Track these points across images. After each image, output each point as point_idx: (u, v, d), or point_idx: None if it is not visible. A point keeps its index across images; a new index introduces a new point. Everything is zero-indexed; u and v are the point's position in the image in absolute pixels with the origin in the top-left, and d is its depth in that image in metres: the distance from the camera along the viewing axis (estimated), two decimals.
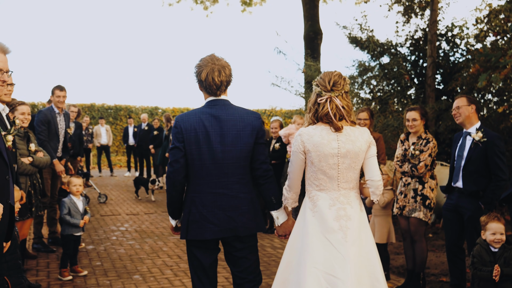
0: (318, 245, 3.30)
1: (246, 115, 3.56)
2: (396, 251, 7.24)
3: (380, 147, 6.61)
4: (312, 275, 3.22)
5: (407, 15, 11.93)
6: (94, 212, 10.68)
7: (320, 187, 3.43)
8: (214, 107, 3.53)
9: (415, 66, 11.57)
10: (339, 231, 3.30)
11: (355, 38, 11.92)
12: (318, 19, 14.36)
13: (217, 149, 3.45)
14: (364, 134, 3.46)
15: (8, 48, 3.28)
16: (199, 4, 19.64)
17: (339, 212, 3.34)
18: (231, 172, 3.50)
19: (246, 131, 3.51)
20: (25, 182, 5.67)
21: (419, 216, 5.54)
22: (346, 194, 3.41)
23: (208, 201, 3.49)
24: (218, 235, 3.49)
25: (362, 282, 3.23)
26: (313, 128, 3.43)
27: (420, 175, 5.54)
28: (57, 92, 7.60)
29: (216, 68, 3.48)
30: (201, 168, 3.47)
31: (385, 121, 9.48)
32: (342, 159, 3.36)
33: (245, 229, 3.52)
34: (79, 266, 6.34)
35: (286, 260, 3.48)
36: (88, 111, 25.63)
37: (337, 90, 3.39)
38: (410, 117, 5.65)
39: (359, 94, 11.55)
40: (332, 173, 3.38)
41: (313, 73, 11.32)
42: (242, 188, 3.54)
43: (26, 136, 5.87)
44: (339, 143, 3.36)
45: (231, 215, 3.48)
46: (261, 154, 3.57)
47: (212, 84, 3.49)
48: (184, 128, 3.47)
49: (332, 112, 3.35)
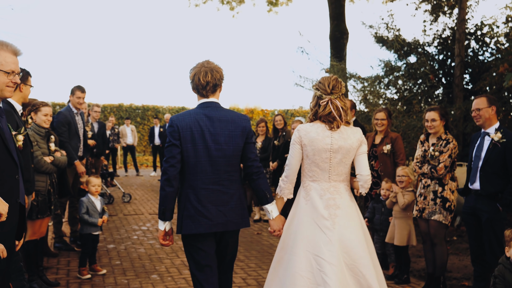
0: (309, 230, 3.68)
1: (237, 117, 3.80)
2: (418, 253, 7.06)
3: (399, 148, 6.47)
4: (304, 257, 3.61)
5: (435, 13, 11.72)
6: (118, 211, 10.74)
7: (313, 178, 3.80)
8: (207, 109, 3.76)
9: (442, 66, 11.34)
10: (328, 218, 3.67)
11: (381, 38, 11.77)
12: (344, 19, 14.16)
13: (211, 147, 3.67)
14: (356, 133, 3.82)
15: (19, 50, 3.29)
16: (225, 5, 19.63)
17: (329, 202, 3.72)
18: (223, 169, 3.71)
19: (237, 132, 3.76)
20: (45, 180, 5.70)
21: (439, 219, 5.39)
22: (336, 186, 3.77)
23: (202, 197, 3.67)
24: (212, 229, 3.67)
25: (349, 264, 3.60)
26: (310, 125, 3.80)
27: (440, 176, 5.39)
28: (78, 93, 7.64)
29: (203, 70, 3.73)
30: (196, 165, 3.66)
31: (408, 121, 9.29)
32: (334, 154, 3.73)
33: (234, 224, 3.75)
34: (99, 265, 6.35)
35: (282, 242, 3.85)
36: (116, 111, 25.90)
37: (336, 93, 3.76)
38: (429, 118, 5.51)
39: (385, 94, 11.38)
40: (324, 166, 3.75)
41: (336, 73, 11.17)
42: (232, 184, 3.76)
43: (47, 135, 5.90)
44: (332, 140, 3.72)
45: (222, 210, 3.70)
46: (252, 152, 3.83)
47: (198, 83, 3.73)
48: (181, 126, 3.66)
49: (336, 112, 3.72)
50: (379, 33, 11.79)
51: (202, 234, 3.68)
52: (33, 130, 5.73)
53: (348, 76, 11.60)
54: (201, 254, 3.73)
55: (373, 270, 3.63)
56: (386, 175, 6.46)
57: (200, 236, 3.70)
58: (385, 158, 6.52)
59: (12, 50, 3.23)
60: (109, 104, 26.04)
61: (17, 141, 3.86)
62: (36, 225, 5.60)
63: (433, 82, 10.63)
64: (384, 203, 6.26)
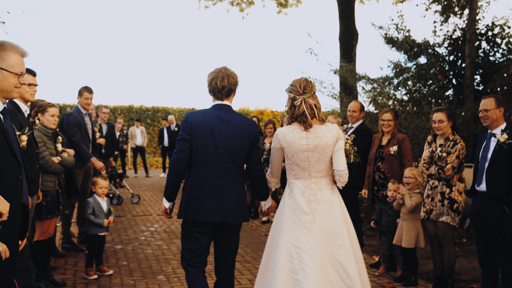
0: (292, 224, 3.97)
1: (245, 122, 4.14)
2: (426, 255, 7.00)
3: (406, 149, 6.42)
4: (285, 249, 3.89)
5: (445, 14, 11.61)
6: (126, 212, 10.76)
7: (296, 176, 4.11)
8: (219, 110, 4.10)
9: (453, 67, 11.24)
10: (309, 213, 3.96)
11: (391, 39, 11.68)
12: (354, 20, 14.11)
13: (219, 145, 4.00)
14: (332, 130, 4.07)
15: (26, 52, 3.33)
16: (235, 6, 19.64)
17: (310, 197, 4.01)
18: (227, 166, 4.03)
19: (244, 135, 4.08)
20: (53, 181, 5.71)
21: (446, 220, 5.34)
22: (317, 182, 4.06)
23: (205, 188, 3.99)
24: (210, 219, 3.97)
25: (329, 255, 3.87)
26: (287, 128, 4.10)
27: (447, 177, 5.34)
28: (85, 94, 7.67)
29: (220, 75, 4.08)
30: (203, 159, 4.00)
31: (417, 122, 9.21)
32: (311, 153, 4.01)
33: (232, 218, 4.04)
34: (105, 265, 6.36)
35: (271, 236, 4.18)
36: (127, 113, 26.00)
37: (308, 92, 4.05)
38: (436, 119, 5.46)
39: (394, 95, 11.30)
40: (304, 165, 4.04)
41: (345, 73, 11.11)
42: (234, 181, 4.08)
43: (54, 136, 5.91)
44: (308, 140, 4.00)
45: (222, 203, 4.00)
46: (255, 156, 4.17)
47: (215, 87, 4.08)
48: (193, 123, 4.01)
49: (307, 111, 3.98)
50: (389, 34, 11.69)
51: (200, 223, 3.99)
52: (40, 131, 5.74)
53: (358, 77, 11.55)
54: (196, 243, 4.05)
55: (353, 260, 3.87)
56: (393, 177, 6.42)
57: (198, 225, 4.01)
58: (392, 159, 6.47)
59: (20, 51, 3.28)
60: (119, 106, 26.15)
61: (21, 141, 3.88)
62: (44, 225, 5.62)
63: (443, 83, 10.54)
64: (391, 204, 6.21)
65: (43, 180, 5.58)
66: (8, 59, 3.18)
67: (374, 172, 6.76)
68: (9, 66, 3.17)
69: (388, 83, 11.17)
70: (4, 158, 3.05)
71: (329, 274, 3.83)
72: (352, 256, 3.89)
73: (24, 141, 4.13)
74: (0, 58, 3.16)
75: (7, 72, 3.16)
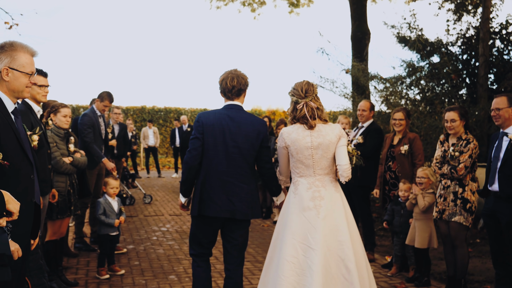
0: (297, 220, 4.10)
1: (256, 121, 4.30)
2: (440, 256, 6.93)
3: (417, 148, 6.35)
4: (291, 244, 4.02)
5: (459, 13, 11.51)
6: (138, 212, 10.80)
7: (300, 174, 4.24)
8: (230, 110, 4.28)
9: (466, 66, 11.14)
10: (313, 209, 4.09)
11: (404, 38, 11.60)
12: (366, 19, 14.04)
13: (229, 144, 4.17)
14: (335, 129, 4.24)
15: (36, 51, 3.35)
16: (246, 7, 19.64)
17: (314, 194, 4.14)
18: (237, 164, 4.19)
19: (254, 134, 4.23)
20: (65, 181, 5.74)
21: (459, 221, 5.29)
22: (321, 179, 4.19)
23: (216, 185, 4.17)
24: (220, 214, 4.16)
25: (331, 249, 3.99)
26: (291, 127, 4.26)
27: (460, 177, 5.29)
28: (106, 102, 7.78)
29: (230, 76, 4.27)
30: (214, 157, 4.18)
31: (430, 121, 9.13)
32: (315, 150, 4.16)
33: (241, 214, 4.19)
34: (117, 265, 6.37)
35: (276, 232, 4.33)
36: (139, 114, 26.10)
37: (309, 95, 4.21)
38: (449, 118, 5.41)
39: (407, 95, 11.22)
40: (308, 162, 4.18)
41: (357, 73, 11.05)
42: (244, 179, 4.22)
43: (66, 137, 5.94)
44: (312, 138, 4.16)
45: (232, 200, 4.16)
46: (265, 155, 4.33)
47: (225, 87, 4.27)
48: (205, 123, 4.19)
49: (308, 114, 4.16)
50: (401, 33, 11.62)
51: (210, 218, 4.20)
52: (52, 132, 5.77)
53: (370, 77, 11.49)
54: (203, 236, 4.31)
55: (352, 256, 3.99)
56: (404, 176, 6.36)
57: (207, 219, 4.22)
58: (403, 159, 6.41)
59: (30, 51, 3.30)
60: (132, 107, 26.27)
61: (32, 141, 3.89)
62: (56, 225, 5.65)
63: (456, 82, 10.45)
64: (403, 204, 6.16)
65: (54, 181, 5.60)
66: (19, 59, 3.19)
67: (385, 172, 6.70)
68: (20, 66, 3.19)
69: (400, 82, 11.10)
70: (16, 157, 3.07)
71: (331, 268, 3.97)
72: (352, 251, 4.01)
73: (35, 141, 4.15)
74: (11, 59, 3.18)
75: (18, 72, 3.18)
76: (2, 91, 3.17)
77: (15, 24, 12.83)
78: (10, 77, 3.16)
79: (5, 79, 3.16)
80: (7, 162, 2.89)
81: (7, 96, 3.18)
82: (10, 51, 3.18)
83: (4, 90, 3.17)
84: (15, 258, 2.92)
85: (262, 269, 4.38)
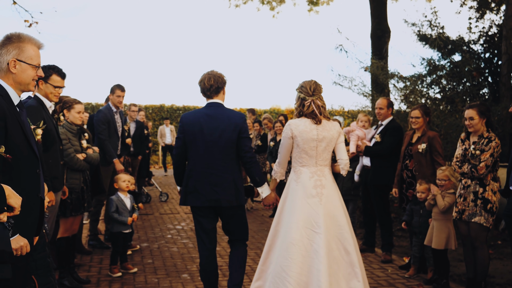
0: (301, 206, 4.43)
1: (232, 115, 4.75)
2: (459, 257, 6.76)
3: (436, 147, 6.15)
4: (295, 229, 4.35)
5: (481, 10, 11.28)
6: (154, 210, 10.78)
7: (303, 163, 4.58)
8: (209, 108, 4.79)
9: (489, 64, 10.90)
10: (316, 196, 4.45)
11: (424, 36, 11.39)
12: (386, 17, 13.83)
13: (207, 139, 4.65)
14: (336, 126, 4.65)
15: (42, 44, 3.29)
16: (265, 5, 19.52)
17: (316, 182, 4.50)
18: (217, 157, 4.66)
19: (231, 127, 4.67)
20: (79, 178, 5.69)
21: (479, 221, 5.12)
22: (322, 169, 4.56)
23: (200, 177, 4.66)
24: (205, 204, 4.66)
25: (331, 232, 4.36)
26: (299, 120, 4.59)
27: (481, 176, 5.12)
28: (118, 92, 7.65)
29: (207, 76, 4.79)
30: (195, 152, 4.69)
31: (450, 120, 8.93)
32: (320, 143, 4.53)
33: (226, 201, 4.66)
34: (130, 263, 6.33)
35: (278, 217, 4.63)
36: (158, 112, 26.13)
37: (316, 94, 4.58)
38: (467, 116, 5.26)
39: (427, 93, 11.01)
40: (312, 153, 4.54)
41: (376, 71, 10.87)
42: (225, 169, 4.68)
43: (79, 133, 5.89)
44: (318, 131, 4.53)
45: (216, 190, 4.64)
46: (245, 145, 4.73)
47: (204, 87, 4.80)
48: (185, 122, 4.76)
49: (317, 110, 4.53)
50: (422, 31, 11.42)
51: (199, 208, 4.72)
52: (65, 127, 5.73)
53: (390, 75, 11.29)
54: (201, 225, 4.76)
55: (351, 239, 4.41)
56: (421, 175, 6.16)
57: (198, 210, 4.74)
58: (420, 157, 6.20)
59: (37, 43, 3.24)
60: (150, 105, 26.30)
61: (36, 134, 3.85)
62: (68, 222, 5.60)
63: (478, 80, 10.21)
64: (422, 204, 6.00)
65: (68, 177, 5.56)
66: (26, 51, 3.14)
67: (402, 170, 6.52)
68: (27, 58, 3.13)
69: (420, 81, 10.89)
70: (23, 151, 3.01)
71: (333, 250, 4.33)
72: (350, 235, 4.43)
73: (39, 135, 4.11)
74: (19, 50, 3.12)
75: (26, 64, 3.12)
76: (8, 84, 3.10)
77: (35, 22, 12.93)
78: (17, 69, 3.10)
79: (13, 71, 3.09)
80: (10, 156, 2.82)
81: (13, 89, 3.11)
82: (17, 43, 3.12)
83: (10, 83, 3.11)
84: (23, 254, 2.87)
85: (261, 257, 4.71)
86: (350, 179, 7.95)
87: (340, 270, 4.32)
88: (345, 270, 4.34)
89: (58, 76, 5.01)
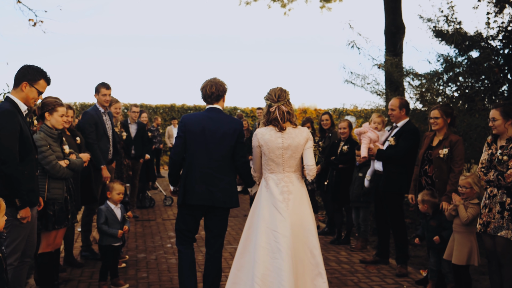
0: (269, 211, 4.62)
1: (232, 121, 4.96)
2: (481, 269, 6.19)
3: (458, 153, 5.57)
4: (264, 232, 4.55)
5: (500, 5, 10.69)
6: (157, 216, 10.34)
7: (271, 170, 4.76)
8: (210, 112, 4.94)
9: (508, 61, 10.31)
10: (283, 201, 4.63)
11: (441, 32, 10.83)
12: (400, 13, 13.29)
13: (208, 140, 4.80)
14: (303, 132, 4.77)
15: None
16: (276, 2, 19.06)
17: (283, 188, 4.68)
18: (216, 158, 4.81)
19: (231, 132, 4.86)
20: (61, 187, 5.18)
21: (506, 236, 4.57)
22: (289, 176, 4.73)
23: (197, 177, 4.78)
24: (200, 202, 4.78)
25: (298, 235, 4.58)
26: (265, 129, 4.77)
27: (508, 185, 4.57)
28: (103, 90, 7.15)
29: (209, 84, 4.95)
30: (195, 152, 4.81)
31: (470, 120, 8.35)
32: (285, 151, 4.69)
33: (220, 202, 4.81)
34: (123, 278, 5.87)
35: (249, 222, 4.80)
36: (168, 112, 25.77)
37: (281, 100, 4.75)
38: (491, 116, 4.74)
39: (444, 91, 10.45)
40: (278, 161, 4.71)
41: (390, 68, 10.33)
42: (222, 171, 4.85)
43: (60, 138, 5.35)
44: (283, 140, 4.68)
45: (211, 190, 4.78)
46: (240, 150, 4.92)
47: (205, 94, 4.96)
48: (187, 123, 4.86)
49: (279, 116, 4.68)
50: (438, 27, 10.87)
51: (192, 206, 4.81)
52: (44, 133, 5.17)
53: (405, 73, 10.75)
54: (185, 224, 4.90)
55: (316, 242, 4.64)
56: (441, 183, 5.61)
57: (189, 208, 4.83)
58: (441, 163, 5.63)
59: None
60: (161, 105, 25.97)
61: None
62: (51, 236, 5.15)
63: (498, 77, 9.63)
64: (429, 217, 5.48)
65: (50, 187, 5.06)
66: None
67: (421, 176, 5.93)
68: None
69: (437, 78, 10.34)
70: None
71: (299, 252, 4.57)
72: (316, 238, 4.65)
73: None
74: None
75: None
76: None
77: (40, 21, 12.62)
78: None
79: None
80: None
81: None
82: None
83: None
84: None
85: (235, 254, 4.79)
86: (360, 185, 7.44)
87: (306, 271, 4.59)
88: (312, 272, 4.59)
89: (45, 82, 4.56)
